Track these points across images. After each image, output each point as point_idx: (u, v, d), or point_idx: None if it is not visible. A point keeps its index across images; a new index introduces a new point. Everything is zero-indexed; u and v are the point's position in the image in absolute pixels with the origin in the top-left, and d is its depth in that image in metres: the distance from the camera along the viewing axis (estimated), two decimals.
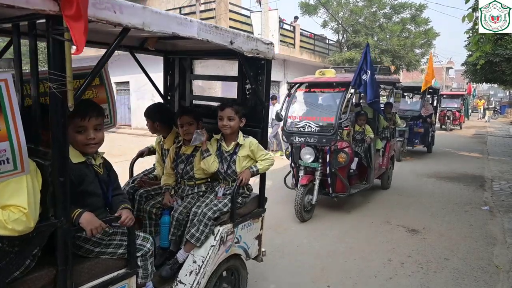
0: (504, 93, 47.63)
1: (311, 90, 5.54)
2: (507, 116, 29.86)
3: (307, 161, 4.90)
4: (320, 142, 4.77)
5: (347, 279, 3.48)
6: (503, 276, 3.58)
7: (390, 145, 6.66)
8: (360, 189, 5.47)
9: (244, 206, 2.77)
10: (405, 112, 9.99)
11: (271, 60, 2.68)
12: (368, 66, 4.81)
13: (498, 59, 9.33)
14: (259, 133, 2.82)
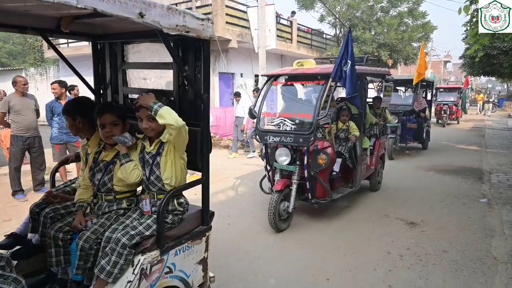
0: (502, 86, 47.67)
1: (289, 84, 4.97)
2: (505, 109, 29.91)
3: (283, 164, 4.40)
4: (296, 142, 4.22)
5: (346, 272, 3.49)
6: (501, 268, 3.60)
7: (379, 143, 6.12)
8: (344, 193, 4.94)
9: (179, 225, 2.27)
10: (397, 107, 9.40)
11: (209, 41, 2.19)
12: (349, 55, 4.31)
13: (496, 51, 9.34)
14: (198, 133, 2.32)
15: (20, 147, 5.62)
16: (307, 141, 4.17)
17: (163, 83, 2.71)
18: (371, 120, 6.05)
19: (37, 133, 5.84)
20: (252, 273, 3.46)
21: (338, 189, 5.04)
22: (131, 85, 2.85)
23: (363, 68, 5.17)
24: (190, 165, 2.37)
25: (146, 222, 2.12)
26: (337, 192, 4.93)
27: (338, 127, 5.37)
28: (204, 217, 2.45)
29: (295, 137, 4.23)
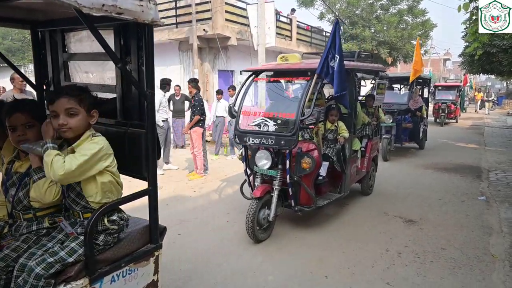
0: (501, 84, 47.69)
1: (271, 80, 4.63)
2: (504, 107, 29.93)
3: (263, 168, 4.03)
4: (278, 144, 3.85)
5: (344, 269, 3.50)
6: (499, 265, 3.62)
7: (372, 144, 5.75)
8: (331, 199, 4.54)
9: (115, 246, 1.95)
10: (391, 106, 8.89)
11: (152, 26, 1.85)
12: (337, 49, 3.95)
13: (495, 49, 9.35)
14: (142, 136, 2.00)
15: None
16: (289, 143, 3.78)
17: (106, 77, 2.35)
18: (363, 120, 5.74)
19: None
20: (251, 270, 3.47)
21: (325, 195, 4.66)
22: (74, 80, 2.52)
23: (354, 64, 4.88)
24: (134, 172, 2.10)
25: (70, 246, 1.76)
26: (324, 198, 4.55)
27: (326, 128, 4.95)
28: (152, 234, 2.09)
29: (276, 139, 3.86)
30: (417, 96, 9.57)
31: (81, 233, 1.84)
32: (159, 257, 2.16)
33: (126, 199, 1.99)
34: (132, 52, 2.00)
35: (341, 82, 3.99)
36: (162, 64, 13.86)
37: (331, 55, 3.94)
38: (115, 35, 2.06)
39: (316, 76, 3.94)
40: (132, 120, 2.00)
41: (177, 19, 13.46)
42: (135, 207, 2.37)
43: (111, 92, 2.24)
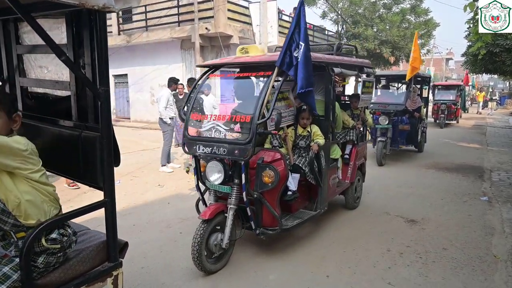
0: (504, 83, 47.53)
1: (228, 76, 4.06)
2: (507, 107, 29.85)
3: (214, 183, 3.37)
4: (231, 154, 3.20)
5: (345, 269, 3.50)
6: (501, 266, 3.60)
7: (357, 151, 5.09)
8: (304, 218, 3.83)
9: (62, 267, 1.73)
10: (387, 107, 8.13)
11: (104, 13, 1.59)
12: (302, 36, 3.27)
13: (499, 49, 9.31)
14: (97, 139, 1.77)
15: None
16: (244, 153, 3.13)
17: (61, 72, 2.11)
18: (346, 123, 5.09)
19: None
20: (252, 269, 3.47)
21: (297, 213, 3.99)
22: (29, 75, 2.28)
23: (330, 57, 4.23)
24: (89, 181, 1.90)
25: (2, 271, 1.55)
26: (294, 217, 3.85)
27: (298, 133, 4.06)
28: (110, 251, 1.85)
29: (230, 148, 3.22)
30: (415, 95, 8.89)
31: (17, 255, 1.61)
32: (118, 277, 1.90)
33: (71, 215, 1.74)
34: (85, 45, 1.73)
35: (307, 77, 3.33)
36: (164, 63, 13.88)
37: (295, 43, 3.29)
38: (67, 25, 1.79)
39: (277, 69, 3.33)
40: (87, 122, 1.77)
41: (179, 18, 13.47)
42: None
43: (66, 90, 1.99)
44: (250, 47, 3.87)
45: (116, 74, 16.41)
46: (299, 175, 3.83)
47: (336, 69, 4.10)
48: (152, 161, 7.91)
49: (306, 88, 3.37)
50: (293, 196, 3.72)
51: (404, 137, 8.64)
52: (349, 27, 19.00)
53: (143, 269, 3.45)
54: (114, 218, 1.87)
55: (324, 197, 4.14)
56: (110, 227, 1.87)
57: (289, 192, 3.69)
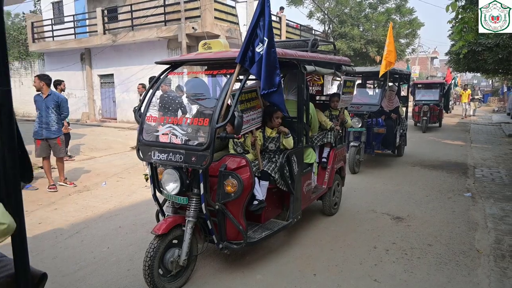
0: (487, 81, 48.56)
1: (188, 74, 3.91)
2: (490, 105, 30.51)
3: (171, 193, 3.08)
4: (188, 161, 2.91)
5: (332, 267, 3.52)
6: (483, 260, 3.68)
7: (335, 154, 4.83)
8: (274, 229, 3.54)
9: None
10: (360, 108, 7.30)
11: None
12: (266, 30, 2.94)
13: (481, 48, 9.47)
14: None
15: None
16: (202, 160, 2.85)
17: None
18: (324, 125, 4.83)
19: None
20: (239, 269, 3.46)
21: (267, 223, 3.69)
22: None
23: (301, 54, 3.83)
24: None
25: None
26: (263, 228, 3.54)
27: (266, 135, 3.67)
28: (21, 286, 1.47)
29: (186, 154, 2.93)
30: (392, 94, 7.97)
31: None
32: None
33: None
34: None
35: (271, 75, 3.03)
36: (150, 62, 13.71)
37: (258, 38, 2.99)
38: None
39: (238, 67, 3.05)
40: None
41: (165, 17, 13.36)
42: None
43: None
44: (213, 42, 3.50)
45: (102, 74, 16.19)
46: (268, 182, 3.50)
47: (309, 67, 3.82)
48: (139, 162, 7.83)
49: (269, 89, 3.09)
50: (259, 206, 3.38)
51: (380, 141, 7.79)
52: (336, 27, 19.14)
53: (129, 272, 3.41)
54: (24, 244, 1.46)
55: (297, 205, 3.87)
56: (20, 256, 1.45)
57: (255, 201, 3.37)
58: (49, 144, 5.93)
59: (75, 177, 6.84)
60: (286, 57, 3.51)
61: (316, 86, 5.71)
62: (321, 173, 4.73)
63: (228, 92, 2.97)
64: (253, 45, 3.01)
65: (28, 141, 6.05)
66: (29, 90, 19.12)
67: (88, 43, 15.52)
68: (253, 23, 3.01)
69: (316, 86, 5.71)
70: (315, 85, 5.70)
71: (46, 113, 5.84)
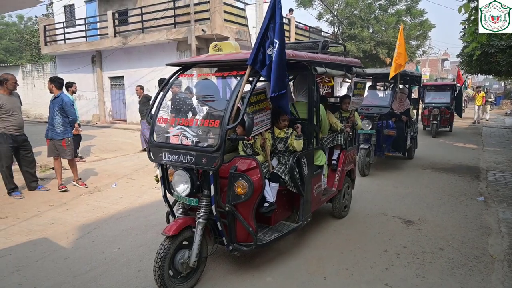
0: (499, 84, 47.84)
1: (198, 76, 3.80)
2: (502, 107, 30.04)
3: (181, 195, 3.09)
4: (198, 162, 2.92)
5: (343, 270, 3.49)
6: (497, 266, 3.61)
7: (346, 156, 4.78)
8: (283, 232, 3.53)
9: None
10: (370, 109, 7.24)
11: None
12: (277, 32, 2.92)
13: (493, 50, 9.35)
14: None
15: (10, 145, 5.58)
16: (212, 162, 2.85)
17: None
18: (335, 126, 4.77)
19: (24, 132, 5.84)
20: (248, 271, 3.46)
21: (277, 225, 3.68)
22: None
23: (312, 56, 3.81)
24: None
25: None
26: (273, 230, 3.53)
27: (275, 136, 3.67)
28: None
29: (197, 156, 2.93)
30: (404, 97, 7.87)
31: None
32: None
33: None
34: None
35: (280, 78, 3.00)
36: (160, 64, 13.85)
37: (269, 40, 2.95)
38: None
39: (249, 68, 3.00)
40: None
41: (175, 19, 13.46)
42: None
43: None
44: (224, 44, 3.50)
45: (112, 76, 16.37)
46: (278, 184, 3.48)
47: (320, 69, 3.79)
48: (149, 163, 7.88)
49: (279, 91, 3.06)
50: (270, 208, 3.37)
51: (390, 143, 7.78)
52: (345, 29, 19.06)
53: (140, 272, 3.43)
54: None
55: (307, 207, 3.84)
56: None
57: (265, 203, 3.37)
58: (55, 145, 6.00)
59: (86, 178, 6.91)
60: (297, 58, 3.47)
61: (326, 88, 5.70)
62: (331, 175, 4.68)
63: (239, 94, 2.94)
64: (264, 47, 2.98)
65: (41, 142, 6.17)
66: (41, 92, 19.43)
67: (99, 45, 15.71)
68: (265, 24, 2.97)
69: (326, 88, 5.70)
70: (325, 87, 5.68)
71: (52, 114, 5.92)
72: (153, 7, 14.15)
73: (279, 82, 3.00)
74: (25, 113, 16.76)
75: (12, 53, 33.51)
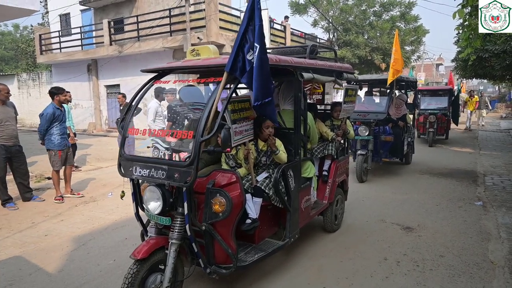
0: (493, 88, 48.23)
1: (174, 82, 3.43)
2: (497, 111, 30.24)
3: (153, 213, 2.80)
4: (170, 177, 2.66)
5: (342, 279, 3.44)
6: (498, 272, 3.58)
7: (337, 167, 4.52)
8: (267, 251, 3.23)
9: None
10: (367, 116, 7.17)
11: None
12: (256, 35, 2.66)
13: (488, 54, 9.42)
14: None
15: (2, 156, 5.50)
16: (185, 177, 2.58)
17: None
18: (326, 135, 4.59)
19: (18, 142, 5.74)
20: (247, 282, 3.40)
21: (262, 243, 3.37)
22: None
23: (299, 61, 3.55)
24: None
25: None
26: (257, 249, 3.23)
27: (259, 148, 3.44)
28: None
29: (169, 170, 2.68)
30: (402, 103, 7.90)
31: None
32: None
33: None
34: None
35: (264, 85, 2.73)
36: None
37: (248, 43, 2.70)
38: None
39: (225, 75, 2.76)
40: None
41: (171, 27, 13.48)
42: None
43: None
44: (202, 48, 3.24)
45: (108, 84, 16.33)
46: (262, 199, 3.23)
47: (307, 75, 3.55)
48: None
49: (263, 100, 2.78)
50: (252, 225, 3.09)
51: (387, 149, 7.75)
52: (340, 35, 19.18)
53: None
54: None
55: (294, 223, 3.56)
56: None
57: (247, 220, 3.09)
58: (67, 153, 5.93)
59: (82, 187, 6.84)
60: (281, 63, 3.22)
61: (317, 95, 5.46)
62: (321, 187, 4.42)
63: (215, 102, 2.68)
64: (243, 51, 2.72)
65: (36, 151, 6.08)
66: (36, 101, 19.35)
67: (94, 54, 15.69)
68: (243, 27, 2.69)
69: (317, 95, 5.46)
70: (315, 94, 5.44)
71: None
72: (148, 16, 14.18)
73: (262, 89, 2.73)
74: (20, 122, 16.66)
75: (7, 62, 33.45)
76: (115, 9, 16.32)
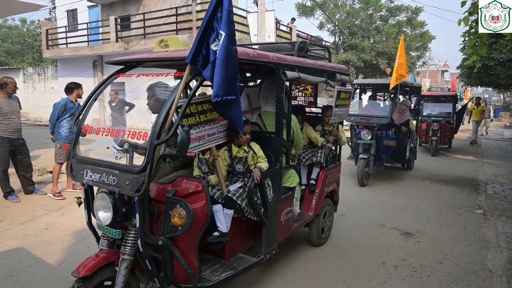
0: (498, 96, 48.07)
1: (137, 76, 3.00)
2: (501, 120, 30.12)
3: (103, 224, 2.46)
4: (120, 184, 2.34)
5: (340, 282, 3.45)
6: (496, 280, 3.57)
7: (325, 175, 4.16)
8: (238, 269, 2.85)
9: None
10: (370, 120, 7.18)
11: None
12: (224, 22, 2.26)
13: (493, 62, 9.39)
14: None
15: (6, 148, 5.54)
16: (136, 185, 2.25)
17: None
18: (315, 141, 4.30)
19: (22, 136, 5.80)
20: (245, 284, 3.41)
21: (233, 259, 3.00)
22: None
23: (282, 58, 3.17)
24: None
25: None
26: (226, 266, 2.87)
27: (233, 155, 3.10)
28: None
29: (120, 176, 2.35)
30: (405, 108, 7.90)
31: None
32: None
33: None
34: None
35: (228, 79, 2.30)
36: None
37: (215, 33, 2.33)
38: None
39: (188, 68, 2.42)
40: None
41: (177, 26, 13.53)
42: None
43: None
44: (171, 38, 2.86)
45: (113, 81, 16.40)
46: (233, 210, 2.89)
47: (291, 73, 3.18)
48: None
49: (224, 96, 2.31)
50: (219, 239, 2.77)
51: (389, 154, 7.73)
52: (346, 38, 19.17)
53: None
54: None
55: (271, 238, 3.17)
56: None
57: (215, 232, 2.77)
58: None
59: None
60: (259, 59, 2.83)
61: (308, 97, 5.01)
62: (308, 197, 4.09)
63: (175, 100, 2.33)
64: (208, 41, 2.35)
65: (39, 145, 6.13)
66: (41, 95, 19.47)
67: (100, 50, 15.76)
68: (209, 14, 2.33)
69: (308, 97, 5.01)
70: (306, 95, 5.02)
71: None
72: (155, 13, 14.24)
73: (225, 84, 2.28)
74: (24, 116, 16.76)
75: (14, 56, 33.66)
76: (122, 6, 16.39)
